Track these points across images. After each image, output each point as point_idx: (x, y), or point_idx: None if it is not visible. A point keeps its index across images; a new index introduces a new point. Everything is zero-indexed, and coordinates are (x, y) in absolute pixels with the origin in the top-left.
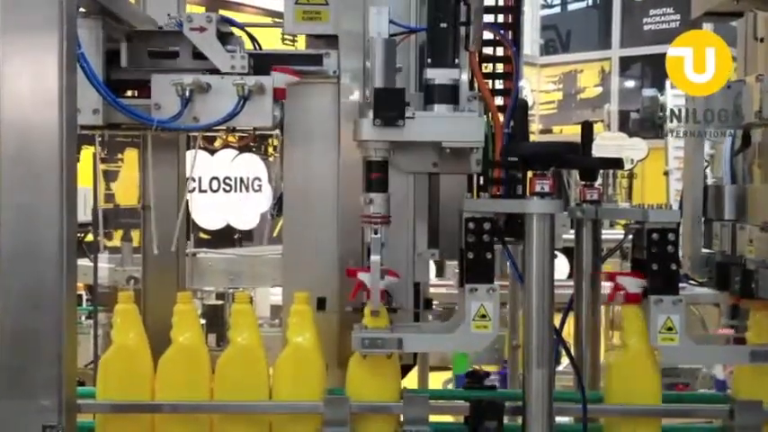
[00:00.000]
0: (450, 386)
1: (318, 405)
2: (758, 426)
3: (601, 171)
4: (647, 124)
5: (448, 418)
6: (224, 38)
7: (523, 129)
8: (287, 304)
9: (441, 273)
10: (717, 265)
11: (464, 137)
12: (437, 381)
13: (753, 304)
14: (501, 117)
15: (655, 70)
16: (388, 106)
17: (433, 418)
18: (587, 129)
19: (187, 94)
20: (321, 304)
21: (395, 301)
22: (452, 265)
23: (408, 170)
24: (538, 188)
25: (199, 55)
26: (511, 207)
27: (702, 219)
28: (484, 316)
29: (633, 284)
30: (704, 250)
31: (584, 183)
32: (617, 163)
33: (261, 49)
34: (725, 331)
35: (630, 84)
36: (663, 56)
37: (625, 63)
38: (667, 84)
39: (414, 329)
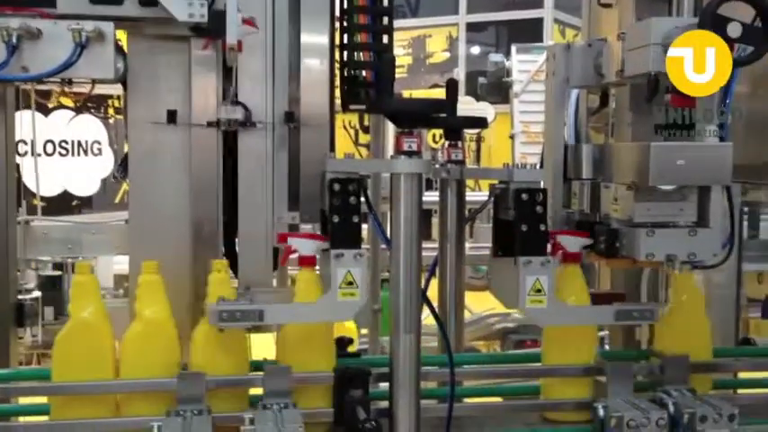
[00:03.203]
0: None
1: (171, 381)
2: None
3: None
4: (495, 89)
5: None
6: None
7: (390, 84)
8: (134, 274)
9: None
10: (576, 224)
11: None
12: None
13: (615, 263)
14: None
15: (501, 36)
16: None
17: None
18: (452, 87)
19: (14, 40)
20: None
21: None
22: (306, 230)
23: None
24: (405, 147)
25: None
26: (377, 167)
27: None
28: (351, 283)
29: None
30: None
31: (449, 142)
32: (481, 122)
33: None
34: None
35: (477, 49)
36: (509, 22)
37: (472, 29)
38: (513, 49)
39: (274, 298)
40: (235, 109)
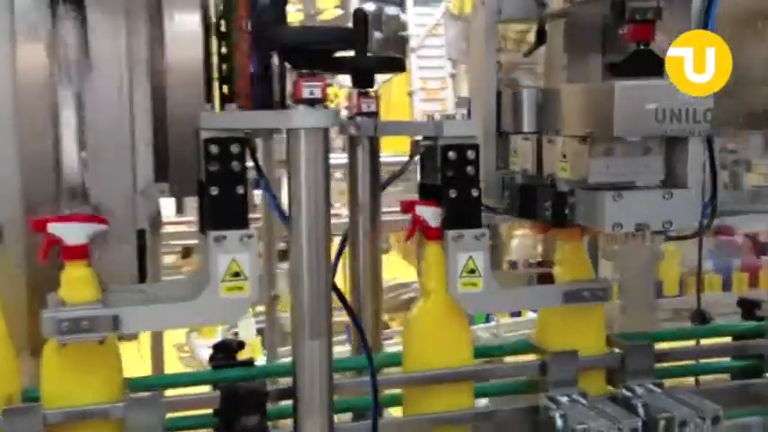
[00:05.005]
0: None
1: None
2: (573, 379)
3: None
4: (391, 44)
5: None
6: None
7: (280, 9)
8: None
9: (180, 209)
10: (520, 188)
11: None
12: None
13: (562, 234)
14: None
15: None
16: None
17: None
18: (361, 20)
19: None
20: None
21: None
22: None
23: None
24: (306, 93)
25: None
26: (268, 120)
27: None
28: (237, 274)
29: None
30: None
31: (358, 90)
32: (398, 64)
33: None
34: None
35: (372, 6)
36: None
37: None
38: (409, 1)
39: (138, 298)
40: None
